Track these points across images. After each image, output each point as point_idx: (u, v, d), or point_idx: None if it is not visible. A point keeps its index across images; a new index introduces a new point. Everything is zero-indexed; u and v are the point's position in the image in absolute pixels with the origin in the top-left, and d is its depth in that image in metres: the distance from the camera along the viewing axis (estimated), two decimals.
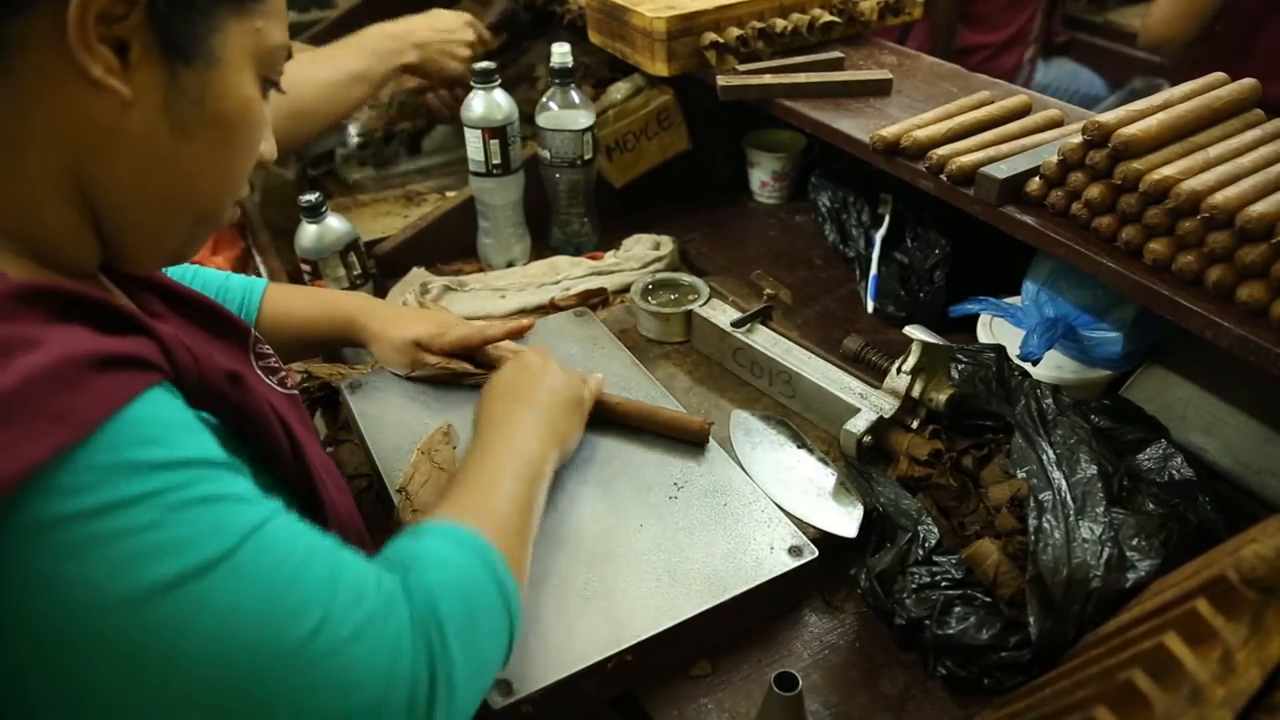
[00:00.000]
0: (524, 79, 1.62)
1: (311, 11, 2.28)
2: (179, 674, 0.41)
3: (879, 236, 1.17)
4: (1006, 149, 0.89)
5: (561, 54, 1.18)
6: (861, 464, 0.86)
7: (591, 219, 1.31)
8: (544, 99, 1.21)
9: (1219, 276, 0.71)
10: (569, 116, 1.20)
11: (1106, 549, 0.69)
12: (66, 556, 0.38)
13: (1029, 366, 0.92)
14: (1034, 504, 0.73)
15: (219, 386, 0.50)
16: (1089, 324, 0.97)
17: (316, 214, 1.13)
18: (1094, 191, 0.77)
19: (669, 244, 1.25)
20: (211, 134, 0.51)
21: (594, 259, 1.22)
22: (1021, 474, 0.77)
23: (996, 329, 1.06)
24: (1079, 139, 0.78)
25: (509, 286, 1.17)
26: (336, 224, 1.15)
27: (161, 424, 0.42)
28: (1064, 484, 0.74)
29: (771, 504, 0.81)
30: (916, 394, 0.87)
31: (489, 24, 1.51)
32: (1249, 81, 0.84)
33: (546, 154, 1.23)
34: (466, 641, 0.52)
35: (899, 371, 0.87)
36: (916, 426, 0.88)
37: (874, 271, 1.16)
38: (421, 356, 0.91)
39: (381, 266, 1.25)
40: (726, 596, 0.72)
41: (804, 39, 1.21)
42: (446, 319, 0.94)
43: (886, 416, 0.87)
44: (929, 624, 0.72)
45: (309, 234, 1.14)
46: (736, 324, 1.01)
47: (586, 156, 1.23)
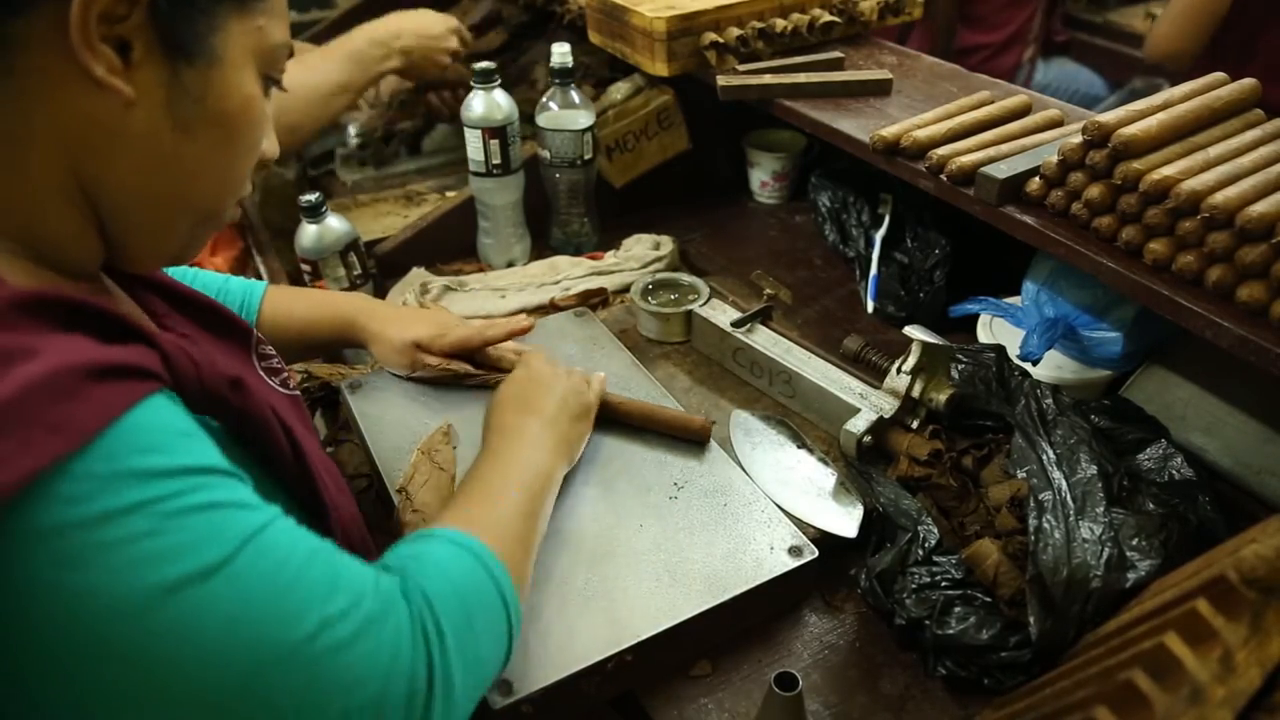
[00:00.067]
0: (524, 79, 1.62)
1: (311, 11, 2.29)
2: (181, 675, 0.41)
3: (879, 236, 1.17)
4: (1006, 149, 0.89)
5: (561, 54, 1.18)
6: (861, 464, 0.86)
7: (591, 219, 1.31)
8: (544, 99, 1.21)
9: (1219, 276, 0.71)
10: (569, 116, 1.20)
11: (1106, 549, 0.69)
12: (67, 564, 0.38)
13: (1029, 366, 0.92)
14: (1034, 504, 0.73)
15: (220, 392, 0.50)
16: (1089, 324, 0.97)
17: (316, 214, 1.13)
18: (1094, 191, 0.78)
19: (669, 244, 1.25)
20: (213, 133, 0.51)
21: (594, 259, 1.22)
22: (1021, 474, 0.77)
23: (996, 329, 1.06)
24: (1079, 139, 0.78)
25: (509, 286, 1.17)
26: (336, 224, 1.15)
27: (161, 431, 0.42)
28: (1064, 484, 0.74)
29: (771, 504, 0.81)
30: (916, 394, 0.87)
31: (471, 25, 1.51)
32: (1249, 81, 0.84)
33: (546, 154, 1.23)
34: (464, 641, 0.53)
35: (899, 371, 0.87)
36: (916, 426, 0.88)
37: (874, 271, 1.16)
38: (422, 358, 0.91)
39: (381, 266, 1.25)
40: (726, 596, 0.72)
41: (804, 39, 1.21)
42: (447, 320, 0.94)
43: (886, 416, 0.87)
44: (929, 624, 0.72)
45: (309, 234, 1.14)
46: (736, 324, 1.01)
47: (586, 156, 1.23)
